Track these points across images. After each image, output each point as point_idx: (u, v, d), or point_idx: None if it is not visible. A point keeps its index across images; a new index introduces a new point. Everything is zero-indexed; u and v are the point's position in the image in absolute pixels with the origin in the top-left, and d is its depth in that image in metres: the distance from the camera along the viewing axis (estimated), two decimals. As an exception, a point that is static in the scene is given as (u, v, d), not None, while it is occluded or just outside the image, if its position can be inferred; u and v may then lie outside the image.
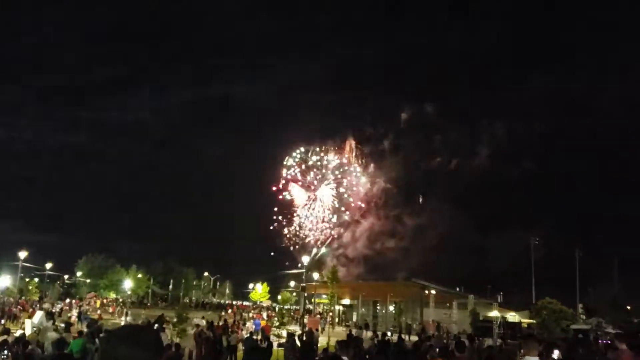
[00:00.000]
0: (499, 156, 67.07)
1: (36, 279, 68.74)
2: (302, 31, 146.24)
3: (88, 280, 78.28)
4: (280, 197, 66.24)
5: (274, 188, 66.01)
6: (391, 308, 53.15)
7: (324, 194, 64.57)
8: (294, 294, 68.75)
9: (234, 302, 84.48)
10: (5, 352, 13.52)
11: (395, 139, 64.11)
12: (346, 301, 62.39)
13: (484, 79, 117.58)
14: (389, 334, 29.31)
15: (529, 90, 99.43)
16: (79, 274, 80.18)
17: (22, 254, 50.03)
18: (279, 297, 79.95)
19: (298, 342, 20.05)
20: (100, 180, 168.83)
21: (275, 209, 66.92)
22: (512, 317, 44.62)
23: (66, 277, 77.83)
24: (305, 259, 43.15)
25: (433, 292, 43.49)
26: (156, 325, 26.47)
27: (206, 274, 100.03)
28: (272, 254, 68.21)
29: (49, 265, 62.79)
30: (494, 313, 43.81)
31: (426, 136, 65.71)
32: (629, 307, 46.57)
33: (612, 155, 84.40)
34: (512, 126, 68.33)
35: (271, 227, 66.88)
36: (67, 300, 56.03)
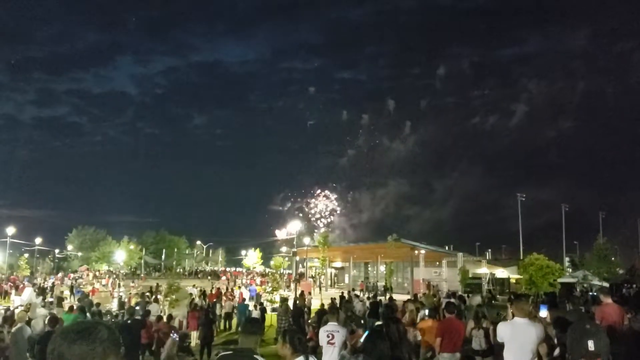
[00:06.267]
0: (536, 114, 66.36)
1: (26, 255, 68.36)
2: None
3: (79, 254, 78.11)
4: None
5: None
6: (382, 268, 53.86)
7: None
8: (286, 259, 69.36)
9: (228, 269, 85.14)
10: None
11: (432, 100, 62.20)
12: (338, 264, 63.13)
13: (524, 36, 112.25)
14: (383, 297, 29.68)
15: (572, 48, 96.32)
16: (69, 247, 79.91)
17: (10, 230, 49.55)
18: (272, 262, 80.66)
19: (291, 307, 20.24)
20: (83, 153, 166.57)
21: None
22: (501, 273, 45.50)
23: (57, 251, 77.58)
24: (296, 225, 43.27)
25: (423, 251, 43.96)
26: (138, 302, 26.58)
27: (199, 242, 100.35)
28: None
29: (38, 240, 62.37)
30: (483, 270, 44.62)
31: (464, 94, 64.18)
32: (613, 259, 47.82)
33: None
34: (552, 85, 67.53)
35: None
36: (59, 275, 55.93)
